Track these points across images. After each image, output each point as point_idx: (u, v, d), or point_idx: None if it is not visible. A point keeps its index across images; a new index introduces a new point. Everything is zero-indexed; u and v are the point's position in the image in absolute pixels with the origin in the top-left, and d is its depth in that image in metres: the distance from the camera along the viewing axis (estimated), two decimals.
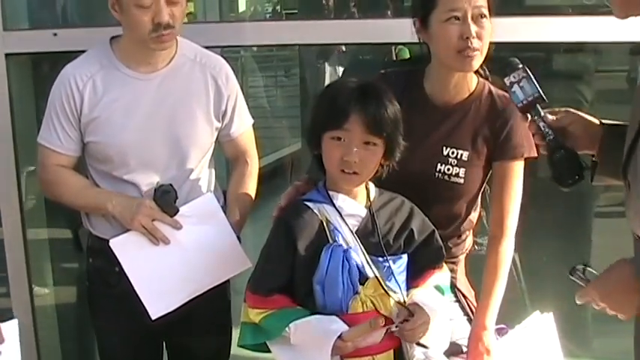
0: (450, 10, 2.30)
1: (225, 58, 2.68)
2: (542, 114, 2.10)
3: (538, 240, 3.08)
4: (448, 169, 2.43)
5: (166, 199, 2.46)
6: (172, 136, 2.52)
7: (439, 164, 2.44)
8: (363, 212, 2.30)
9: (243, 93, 2.70)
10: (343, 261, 2.21)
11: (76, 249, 2.73)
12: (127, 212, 2.45)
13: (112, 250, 2.46)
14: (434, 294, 2.31)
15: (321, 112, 2.25)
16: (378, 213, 2.30)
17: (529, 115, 2.11)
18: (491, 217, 2.49)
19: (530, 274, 3.44)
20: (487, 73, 2.48)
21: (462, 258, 2.61)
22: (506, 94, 2.42)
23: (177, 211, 2.47)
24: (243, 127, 2.68)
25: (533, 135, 2.14)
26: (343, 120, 2.18)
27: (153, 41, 2.42)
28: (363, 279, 2.22)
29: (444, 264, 2.40)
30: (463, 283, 2.60)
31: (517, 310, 2.65)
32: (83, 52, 2.60)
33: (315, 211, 2.28)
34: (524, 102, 2.12)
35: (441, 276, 2.38)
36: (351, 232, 2.26)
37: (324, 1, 4.95)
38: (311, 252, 2.23)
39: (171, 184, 2.48)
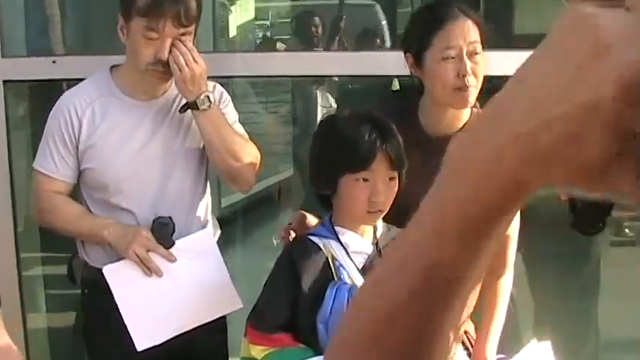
0: (445, 48, 2.18)
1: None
2: None
3: (534, 269, 2.95)
4: None
5: (163, 231, 2.30)
6: (169, 164, 2.37)
7: None
8: (370, 249, 2.13)
9: None
10: (348, 300, 2.04)
11: (70, 281, 2.54)
12: (122, 240, 2.30)
13: (107, 281, 2.29)
14: None
15: (340, 154, 2.07)
16: (385, 250, 2.14)
17: None
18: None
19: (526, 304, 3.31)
20: (478, 105, 2.35)
21: None
22: None
23: (173, 244, 2.31)
24: None
25: None
26: (371, 161, 2.03)
27: (149, 73, 2.29)
28: None
29: None
30: None
31: (515, 340, 2.50)
32: (82, 79, 2.45)
33: (321, 246, 2.11)
34: None
35: None
36: (357, 269, 2.10)
37: (314, 29, 4.83)
38: (316, 289, 2.06)
39: (170, 217, 2.32)
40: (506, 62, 2.68)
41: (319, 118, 4.40)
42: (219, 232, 2.46)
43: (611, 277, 3.00)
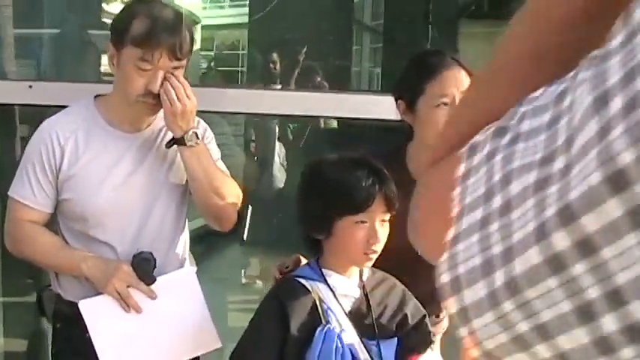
0: (440, 95, 2.22)
1: None
2: None
3: None
4: None
5: (145, 267, 2.23)
6: (151, 198, 2.30)
7: None
8: (357, 292, 2.12)
9: None
10: (336, 344, 2.02)
11: (39, 313, 2.43)
12: (102, 275, 2.22)
13: (82, 316, 2.21)
14: None
15: (337, 198, 2.05)
16: (372, 294, 2.13)
17: None
18: None
19: None
20: None
21: (438, 338, 2.44)
22: None
23: (155, 280, 2.24)
24: None
25: None
26: (370, 204, 2.03)
27: (139, 105, 2.23)
28: None
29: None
30: None
31: None
32: (58, 106, 2.38)
33: (309, 288, 2.08)
34: None
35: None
36: (345, 313, 2.08)
37: (271, 65, 4.80)
38: (304, 332, 2.04)
39: (151, 253, 2.25)
40: None
41: (277, 152, 4.38)
42: (195, 268, 2.39)
43: None
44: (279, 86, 4.49)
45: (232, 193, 2.34)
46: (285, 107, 3.09)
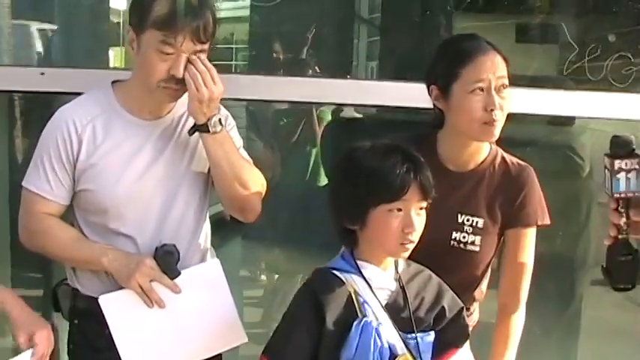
0: (475, 81, 2.14)
1: None
2: (629, 209, 1.82)
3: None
4: (464, 237, 2.23)
5: (168, 260, 2.13)
6: (173, 189, 2.20)
7: (454, 232, 2.23)
8: (393, 285, 2.03)
9: None
10: (374, 338, 1.93)
11: (54, 309, 2.31)
12: (124, 269, 2.11)
13: (101, 311, 2.11)
14: None
15: (373, 185, 1.96)
16: (408, 286, 2.04)
17: (619, 204, 1.82)
18: (503, 285, 2.29)
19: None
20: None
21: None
22: (520, 161, 2.27)
23: (179, 274, 2.13)
24: None
25: (611, 223, 1.85)
26: (406, 190, 1.94)
27: (160, 91, 2.12)
28: (392, 357, 1.95)
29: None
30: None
31: None
32: (71, 93, 2.26)
33: (344, 280, 1.99)
34: (622, 195, 1.81)
35: (462, 354, 2.10)
36: (382, 306, 1.98)
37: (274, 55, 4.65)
38: (340, 326, 1.95)
39: (174, 245, 2.15)
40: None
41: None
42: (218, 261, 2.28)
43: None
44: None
45: (257, 182, 2.23)
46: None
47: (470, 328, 2.34)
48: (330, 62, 4.68)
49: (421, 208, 1.98)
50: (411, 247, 1.99)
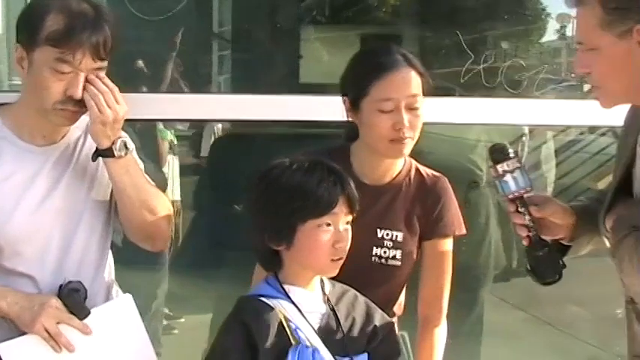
0: (384, 99, 2.06)
1: None
2: (529, 207, 1.95)
3: None
4: (385, 252, 2.17)
5: (75, 299, 1.94)
6: (73, 220, 2.01)
7: (375, 248, 2.17)
8: (323, 308, 1.95)
9: None
10: None
11: None
12: (27, 312, 1.89)
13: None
14: None
15: (300, 201, 1.86)
16: (337, 307, 1.95)
17: (517, 205, 1.94)
18: (424, 297, 2.24)
19: None
20: None
21: None
22: (434, 172, 2.25)
23: (89, 313, 1.93)
24: None
25: (517, 225, 1.97)
26: (335, 204, 1.86)
27: (56, 113, 1.92)
28: None
29: None
30: None
31: None
32: None
33: (273, 307, 1.88)
34: (516, 194, 1.94)
35: None
36: (314, 330, 1.89)
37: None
38: (275, 354, 1.83)
39: (80, 282, 1.95)
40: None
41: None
42: (130, 295, 2.09)
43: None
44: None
45: (165, 207, 2.08)
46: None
47: None
48: (191, 77, 4.55)
49: (347, 222, 1.92)
50: (340, 263, 1.92)
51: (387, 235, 2.17)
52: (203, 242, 3.45)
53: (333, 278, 2.00)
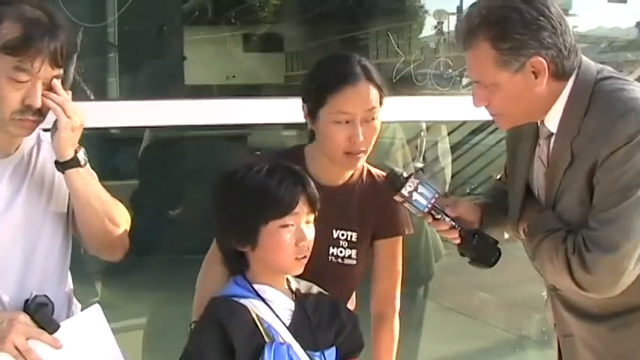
0: (340, 112, 2.12)
1: None
2: (444, 210, 2.12)
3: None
4: (341, 252, 2.25)
5: (44, 313, 1.92)
6: (34, 233, 1.99)
7: (331, 247, 2.25)
8: (292, 305, 2.03)
9: None
10: None
11: None
12: None
13: None
14: None
15: (262, 202, 1.95)
16: (305, 304, 2.04)
17: (433, 215, 2.11)
18: (378, 295, 2.35)
19: None
20: None
21: None
22: (382, 172, 2.35)
23: (58, 327, 1.93)
24: None
25: (442, 231, 2.15)
26: (296, 204, 1.95)
27: (14, 124, 1.91)
28: None
29: None
30: None
31: None
32: None
33: (246, 306, 1.95)
34: (429, 206, 2.11)
35: None
36: (286, 327, 1.97)
37: None
38: (250, 352, 1.91)
39: (46, 295, 1.94)
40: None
41: None
42: (98, 306, 2.10)
43: None
44: None
45: (125, 217, 2.10)
46: None
47: None
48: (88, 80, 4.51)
49: (308, 222, 2.01)
50: (304, 261, 2.00)
51: (343, 235, 2.25)
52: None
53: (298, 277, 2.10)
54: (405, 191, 2.08)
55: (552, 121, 2.02)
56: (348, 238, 2.25)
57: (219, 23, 6.83)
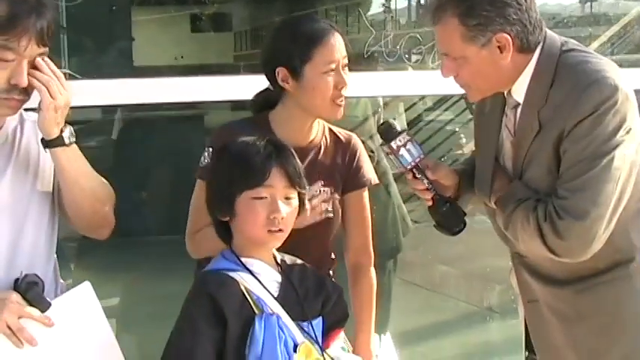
0: (328, 62, 2.27)
1: None
2: (425, 171, 2.25)
3: None
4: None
5: (36, 292, 1.96)
6: (21, 213, 2.02)
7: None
8: (279, 277, 2.10)
9: None
10: (278, 331, 2.00)
11: None
12: None
13: None
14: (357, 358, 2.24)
15: (235, 172, 2.02)
16: (291, 276, 2.11)
17: (414, 173, 2.24)
18: (353, 246, 2.48)
19: None
20: None
21: None
22: (344, 130, 2.49)
23: (50, 305, 1.97)
24: None
25: (418, 190, 2.28)
26: (266, 175, 2.01)
27: (1, 103, 1.93)
28: (294, 346, 2.02)
29: None
30: None
31: None
32: None
33: (235, 278, 2.02)
34: (413, 164, 2.21)
35: (341, 335, 2.24)
36: (274, 298, 2.04)
37: None
38: (240, 325, 1.98)
39: (36, 274, 1.98)
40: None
41: None
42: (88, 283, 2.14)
43: None
44: None
45: (111, 195, 2.14)
46: None
47: None
48: None
49: (288, 198, 2.05)
50: (280, 235, 2.05)
51: (317, 191, 2.34)
52: None
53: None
54: (394, 144, 2.21)
55: (519, 91, 2.14)
56: (322, 192, 2.33)
57: (166, 3, 6.82)
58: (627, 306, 2.14)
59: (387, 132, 2.24)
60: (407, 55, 6.18)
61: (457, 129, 5.52)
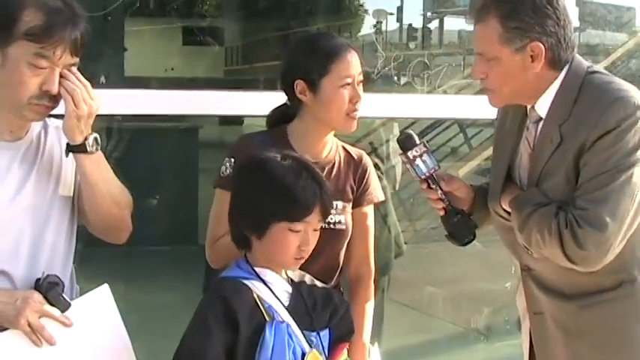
0: (345, 76, 2.40)
1: None
2: (439, 182, 2.36)
3: None
4: (332, 218, 2.44)
5: (56, 292, 2.05)
6: (43, 214, 2.12)
7: None
8: (289, 288, 2.22)
9: None
10: (287, 339, 2.11)
11: None
12: (9, 308, 1.99)
13: None
14: None
15: (279, 203, 2.13)
16: (301, 289, 2.23)
17: (429, 183, 2.36)
18: (356, 258, 2.58)
19: None
20: None
21: None
22: (354, 148, 2.61)
23: (69, 305, 2.06)
24: None
25: (432, 200, 2.39)
26: (310, 214, 2.14)
27: (30, 109, 2.03)
28: (302, 355, 2.14)
29: None
30: None
31: None
32: None
33: (248, 286, 2.14)
34: (427, 174, 2.32)
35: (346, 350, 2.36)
36: (285, 308, 2.16)
37: None
38: (252, 331, 2.08)
39: (56, 275, 2.07)
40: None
41: None
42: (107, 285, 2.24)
43: None
44: None
45: (129, 200, 2.24)
46: None
47: None
48: None
49: (315, 230, 2.18)
50: (302, 261, 2.19)
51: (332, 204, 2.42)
52: None
53: None
54: (410, 154, 2.33)
55: (542, 106, 2.26)
56: (336, 206, 2.45)
57: (160, 15, 6.96)
58: (630, 324, 2.25)
59: (406, 142, 2.36)
60: (396, 77, 6.34)
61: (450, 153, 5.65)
